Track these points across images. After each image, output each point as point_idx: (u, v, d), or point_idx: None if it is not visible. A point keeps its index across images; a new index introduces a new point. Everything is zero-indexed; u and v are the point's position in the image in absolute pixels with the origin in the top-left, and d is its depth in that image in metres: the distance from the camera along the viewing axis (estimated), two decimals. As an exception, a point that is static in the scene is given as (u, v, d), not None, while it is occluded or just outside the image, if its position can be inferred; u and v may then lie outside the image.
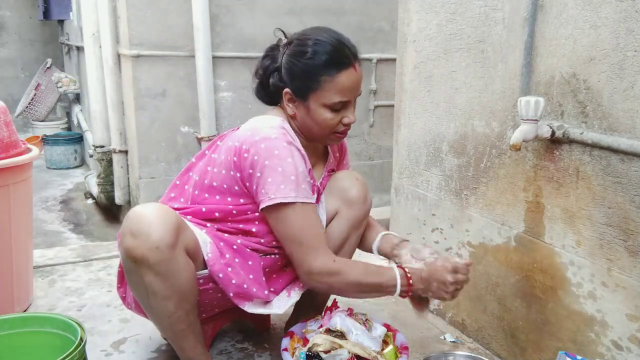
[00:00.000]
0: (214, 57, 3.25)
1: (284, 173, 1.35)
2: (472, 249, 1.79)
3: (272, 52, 1.50)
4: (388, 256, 1.60)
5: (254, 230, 1.46)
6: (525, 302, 1.60)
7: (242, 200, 1.43)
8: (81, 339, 1.26)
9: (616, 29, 1.28)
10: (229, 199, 1.44)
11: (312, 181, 1.47)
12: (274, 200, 1.35)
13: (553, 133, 1.42)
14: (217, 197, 1.45)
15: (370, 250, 1.66)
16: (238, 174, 1.41)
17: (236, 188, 1.42)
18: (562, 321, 1.49)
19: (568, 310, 1.47)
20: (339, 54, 1.41)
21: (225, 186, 1.44)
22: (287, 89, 1.44)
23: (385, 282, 1.41)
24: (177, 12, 3.17)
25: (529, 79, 1.52)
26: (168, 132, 3.30)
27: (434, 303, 2.00)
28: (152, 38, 3.15)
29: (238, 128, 1.48)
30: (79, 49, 4.80)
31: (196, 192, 1.49)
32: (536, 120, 1.39)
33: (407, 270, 1.43)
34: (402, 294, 1.43)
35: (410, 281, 1.41)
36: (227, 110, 3.42)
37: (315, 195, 1.52)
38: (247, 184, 1.40)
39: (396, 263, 1.53)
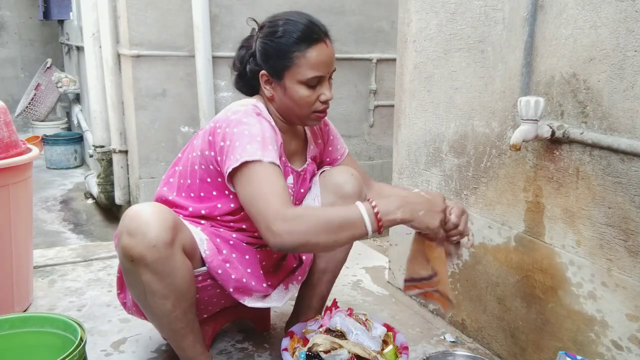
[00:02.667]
0: (214, 57, 3.25)
1: (250, 135, 1.34)
2: (472, 249, 1.79)
3: (247, 42, 1.53)
4: None
5: (244, 227, 1.47)
6: (525, 302, 1.60)
7: (219, 180, 1.44)
8: (81, 339, 1.26)
9: (616, 29, 1.28)
10: (209, 179, 1.45)
11: (283, 159, 1.47)
12: (240, 160, 1.31)
13: (553, 133, 1.42)
14: (198, 180, 1.47)
15: None
16: (212, 153, 1.42)
17: (211, 167, 1.44)
18: (562, 321, 1.49)
19: (568, 310, 1.47)
20: (309, 30, 1.42)
21: (203, 167, 1.45)
22: (263, 71, 1.45)
23: (350, 216, 1.26)
24: (177, 12, 3.17)
25: (529, 79, 1.52)
26: (168, 132, 3.30)
27: (435, 303, 2.00)
28: (152, 38, 3.15)
29: None
30: (79, 49, 4.80)
31: (181, 181, 1.51)
32: (536, 120, 1.39)
33: (371, 199, 1.29)
34: (377, 227, 1.27)
35: (375, 209, 1.26)
36: (227, 110, 3.41)
37: (292, 177, 1.53)
38: (219, 157, 1.39)
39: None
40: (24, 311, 1.91)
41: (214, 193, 1.46)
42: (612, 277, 1.35)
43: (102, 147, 3.62)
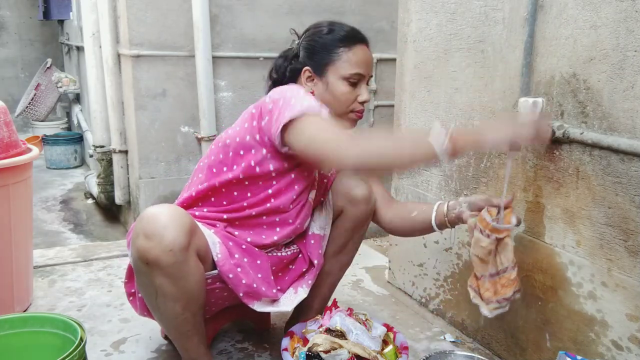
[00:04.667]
0: (214, 57, 3.25)
1: (307, 97, 1.38)
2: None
3: (285, 53, 1.58)
4: (447, 224, 1.51)
5: (273, 201, 1.44)
6: (525, 302, 1.60)
7: (253, 151, 1.42)
8: (81, 339, 1.26)
9: (616, 29, 1.28)
10: (241, 152, 1.44)
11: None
12: (301, 111, 1.31)
13: (553, 133, 1.42)
14: (230, 154, 1.45)
15: (428, 229, 1.56)
16: (254, 123, 1.42)
17: (247, 138, 1.42)
18: (562, 321, 1.49)
19: (568, 310, 1.47)
20: (355, 32, 1.52)
21: (237, 139, 1.44)
22: (306, 67, 1.50)
23: (421, 136, 1.24)
24: (177, 12, 3.17)
25: (529, 79, 1.52)
26: (168, 132, 3.30)
27: (435, 303, 2.00)
28: (152, 38, 3.14)
29: None
30: (79, 49, 4.80)
31: (214, 170, 1.48)
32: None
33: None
34: (450, 146, 1.19)
35: (449, 132, 1.20)
36: (227, 110, 3.42)
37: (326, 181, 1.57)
38: (266, 117, 1.39)
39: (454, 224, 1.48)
40: (24, 311, 1.91)
41: (246, 183, 1.45)
42: (612, 277, 1.35)
43: (102, 147, 3.62)
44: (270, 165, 1.42)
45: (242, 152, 1.44)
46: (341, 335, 1.46)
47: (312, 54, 1.50)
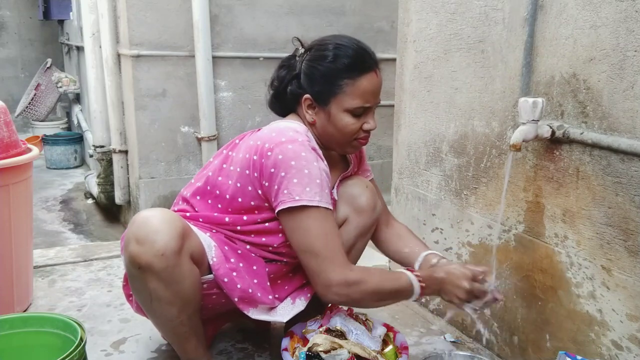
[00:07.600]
0: (214, 57, 3.26)
1: (311, 176, 1.32)
2: (472, 249, 1.79)
3: (288, 61, 1.49)
4: None
5: (263, 239, 1.44)
6: (525, 302, 1.60)
7: (252, 203, 1.40)
8: (81, 339, 1.26)
9: (616, 29, 1.28)
10: (240, 199, 1.41)
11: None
12: (299, 202, 1.31)
13: (553, 133, 1.42)
14: (227, 196, 1.42)
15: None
16: (255, 174, 1.37)
17: (249, 188, 1.39)
18: (562, 321, 1.49)
19: (568, 310, 1.47)
20: (361, 58, 1.40)
21: (238, 185, 1.40)
22: (307, 95, 1.42)
23: (402, 286, 1.38)
24: (177, 12, 3.17)
25: (529, 79, 1.52)
26: (168, 132, 3.30)
27: (435, 303, 2.00)
28: (152, 38, 3.15)
29: (259, 130, 1.46)
30: (79, 49, 4.80)
31: (208, 188, 1.46)
32: (536, 120, 1.39)
33: (416, 272, 1.41)
34: (417, 297, 1.40)
35: (422, 283, 1.39)
36: (227, 110, 3.42)
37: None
38: (266, 183, 1.35)
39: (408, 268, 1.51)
40: (24, 311, 1.91)
41: (242, 211, 1.43)
42: (612, 277, 1.35)
43: (102, 147, 3.63)
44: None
45: (240, 199, 1.41)
46: (341, 335, 1.46)
47: (314, 82, 1.40)
